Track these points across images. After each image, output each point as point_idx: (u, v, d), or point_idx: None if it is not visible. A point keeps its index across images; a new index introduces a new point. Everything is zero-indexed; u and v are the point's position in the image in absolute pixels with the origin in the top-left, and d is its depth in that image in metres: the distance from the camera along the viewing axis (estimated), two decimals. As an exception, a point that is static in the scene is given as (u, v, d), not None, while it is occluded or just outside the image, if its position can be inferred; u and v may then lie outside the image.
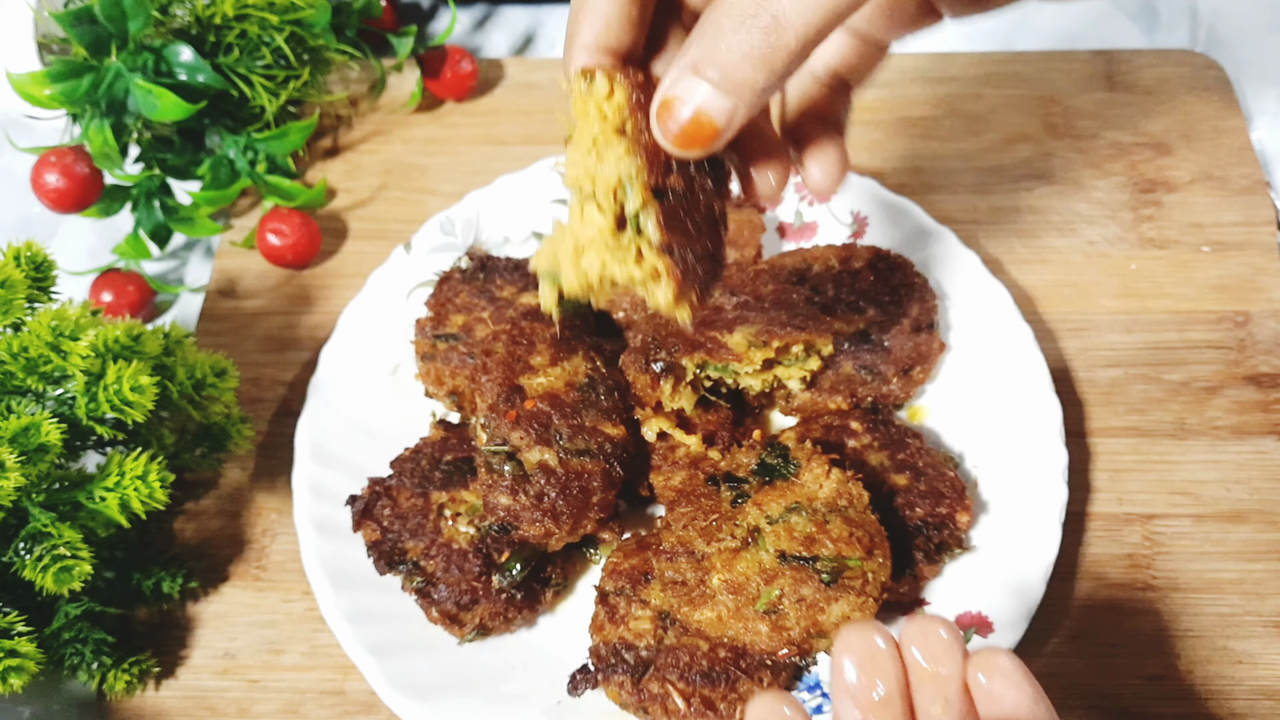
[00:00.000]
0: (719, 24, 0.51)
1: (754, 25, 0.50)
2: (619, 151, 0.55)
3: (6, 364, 0.73)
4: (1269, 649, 0.80)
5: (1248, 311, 0.95)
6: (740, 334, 0.78)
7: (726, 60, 0.51)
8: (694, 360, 0.78)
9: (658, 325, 0.81)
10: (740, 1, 0.51)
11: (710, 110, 0.52)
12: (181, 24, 1.01)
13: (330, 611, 0.79)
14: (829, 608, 0.69)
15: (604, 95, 0.55)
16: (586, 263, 0.57)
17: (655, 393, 0.79)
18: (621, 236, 0.56)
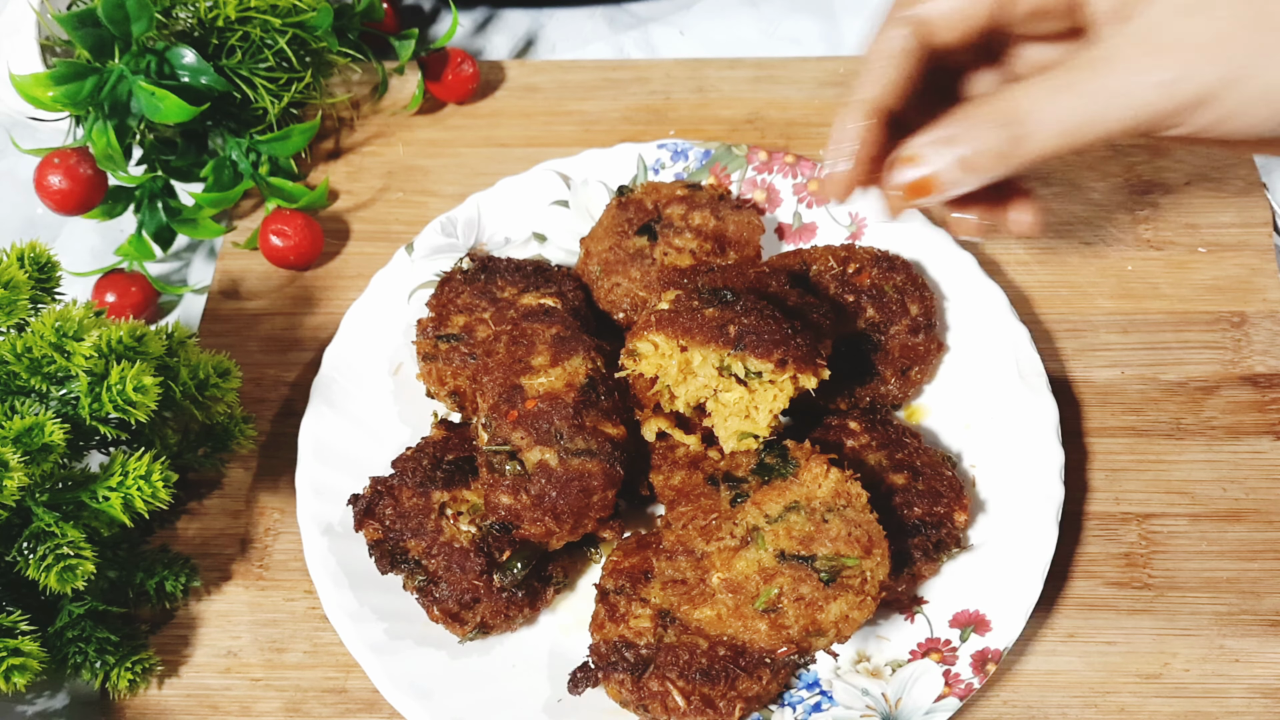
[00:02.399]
0: (980, 116, 0.62)
1: (1006, 131, 0.61)
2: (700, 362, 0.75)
3: (10, 364, 0.73)
4: (1265, 647, 0.80)
5: (1244, 312, 0.95)
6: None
7: (975, 147, 0.62)
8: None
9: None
10: (1005, 108, 0.61)
11: (944, 178, 0.64)
12: (184, 26, 1.02)
13: (333, 610, 0.80)
14: (827, 606, 0.70)
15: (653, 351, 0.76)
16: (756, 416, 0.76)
17: (653, 395, 0.79)
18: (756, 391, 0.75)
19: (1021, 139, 0.61)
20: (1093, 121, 0.60)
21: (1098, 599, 0.83)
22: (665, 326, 0.75)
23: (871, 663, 0.78)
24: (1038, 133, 0.61)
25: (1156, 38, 0.59)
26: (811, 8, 1.25)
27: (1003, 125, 0.61)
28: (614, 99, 1.14)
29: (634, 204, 0.94)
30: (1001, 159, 0.62)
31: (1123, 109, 0.60)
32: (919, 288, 0.90)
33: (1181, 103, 0.59)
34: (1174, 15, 0.59)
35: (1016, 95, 0.61)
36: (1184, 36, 0.58)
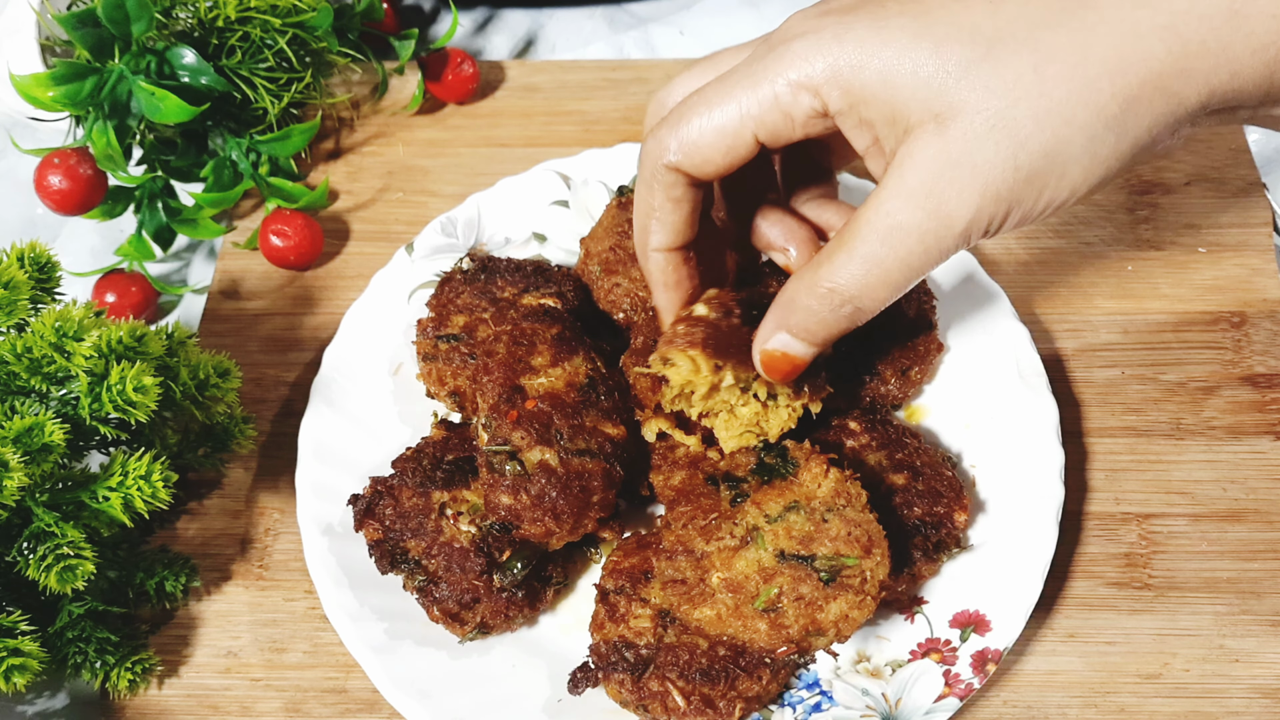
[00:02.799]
0: (809, 306, 0.67)
1: (840, 312, 0.66)
2: (730, 384, 0.74)
3: (10, 364, 0.73)
4: (1266, 647, 0.80)
5: (1244, 312, 0.95)
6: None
7: (818, 330, 0.68)
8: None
9: (658, 329, 0.81)
10: (827, 295, 0.66)
11: (799, 356, 0.70)
12: (184, 27, 1.02)
13: (333, 610, 0.80)
14: (827, 606, 0.70)
15: (691, 370, 0.73)
16: (765, 426, 0.77)
17: (655, 395, 0.79)
18: (769, 409, 0.76)
19: (858, 311, 0.66)
20: (911, 276, 0.64)
21: (1098, 599, 0.83)
22: (708, 348, 0.73)
23: (871, 663, 0.78)
24: (870, 302, 0.66)
25: (932, 196, 0.61)
26: (811, 8, 1.25)
27: (837, 308, 0.66)
28: (614, 99, 1.14)
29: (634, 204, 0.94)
30: (847, 329, 0.68)
31: (932, 259, 0.63)
32: (918, 288, 0.90)
33: (975, 235, 0.62)
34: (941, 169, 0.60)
35: (834, 278, 0.65)
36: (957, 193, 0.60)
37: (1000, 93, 0.58)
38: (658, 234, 0.72)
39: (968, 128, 0.59)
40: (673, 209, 0.70)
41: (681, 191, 0.69)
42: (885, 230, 0.62)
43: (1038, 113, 0.58)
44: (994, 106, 0.58)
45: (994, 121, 0.59)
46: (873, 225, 0.63)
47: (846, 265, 0.65)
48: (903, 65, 0.59)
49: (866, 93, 0.61)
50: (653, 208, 0.71)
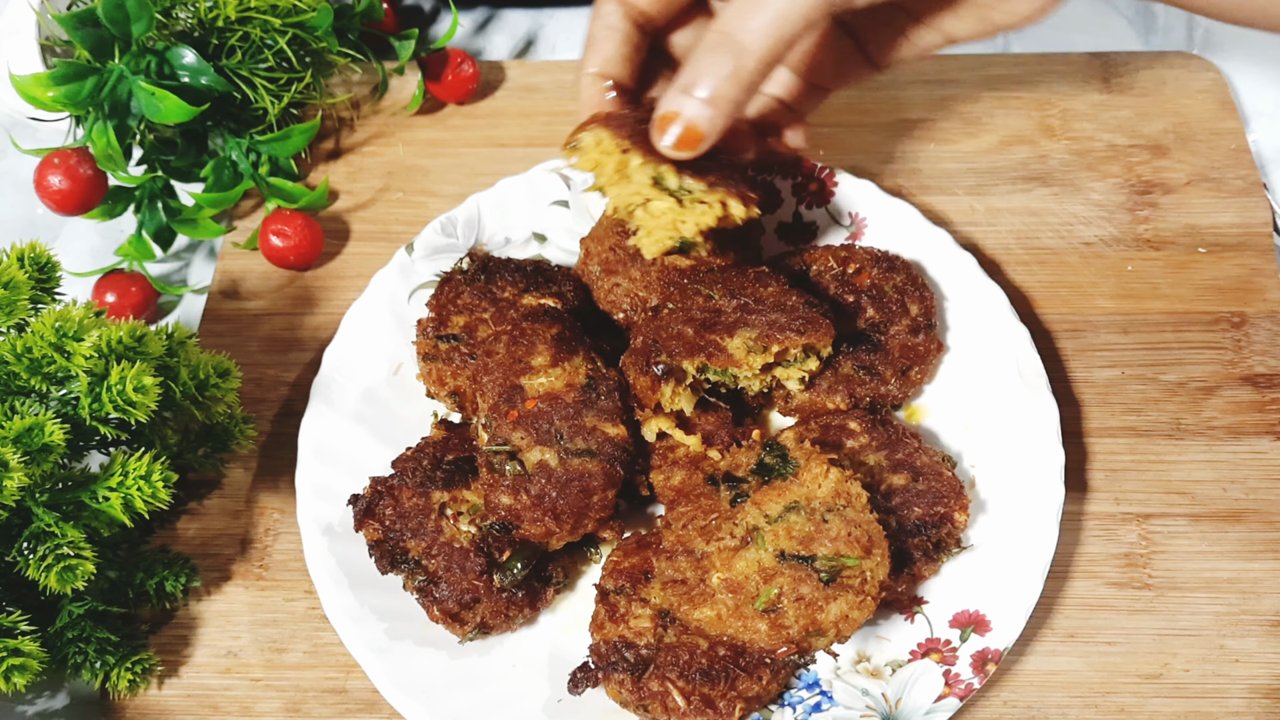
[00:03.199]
0: (697, 55, 0.68)
1: (725, 54, 0.66)
2: (638, 165, 0.74)
3: (11, 364, 0.73)
4: (1265, 647, 0.80)
5: (1244, 313, 0.95)
6: (739, 338, 0.79)
7: (707, 80, 0.67)
8: (693, 363, 0.78)
9: (658, 328, 0.81)
10: (712, 36, 0.67)
11: (698, 121, 0.69)
12: (184, 27, 1.02)
13: (333, 610, 0.80)
14: (827, 606, 0.70)
15: (595, 145, 0.76)
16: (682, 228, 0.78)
17: (655, 395, 0.79)
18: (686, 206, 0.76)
19: (742, 53, 0.66)
20: (788, 12, 0.65)
21: (1098, 599, 0.83)
22: (612, 125, 0.77)
23: (871, 663, 0.78)
24: (753, 41, 0.66)
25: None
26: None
27: (720, 50, 0.67)
28: (614, 99, 1.14)
29: (634, 204, 0.94)
30: (735, 79, 0.67)
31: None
32: (919, 288, 0.90)
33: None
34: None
35: (721, 21, 0.67)
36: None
37: None
38: (590, 57, 0.76)
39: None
40: (606, 35, 0.75)
41: (616, 20, 0.75)
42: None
43: None
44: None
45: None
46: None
47: (730, 6, 0.67)
48: None
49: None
50: (591, 35, 0.76)
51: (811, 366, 0.82)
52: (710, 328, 0.80)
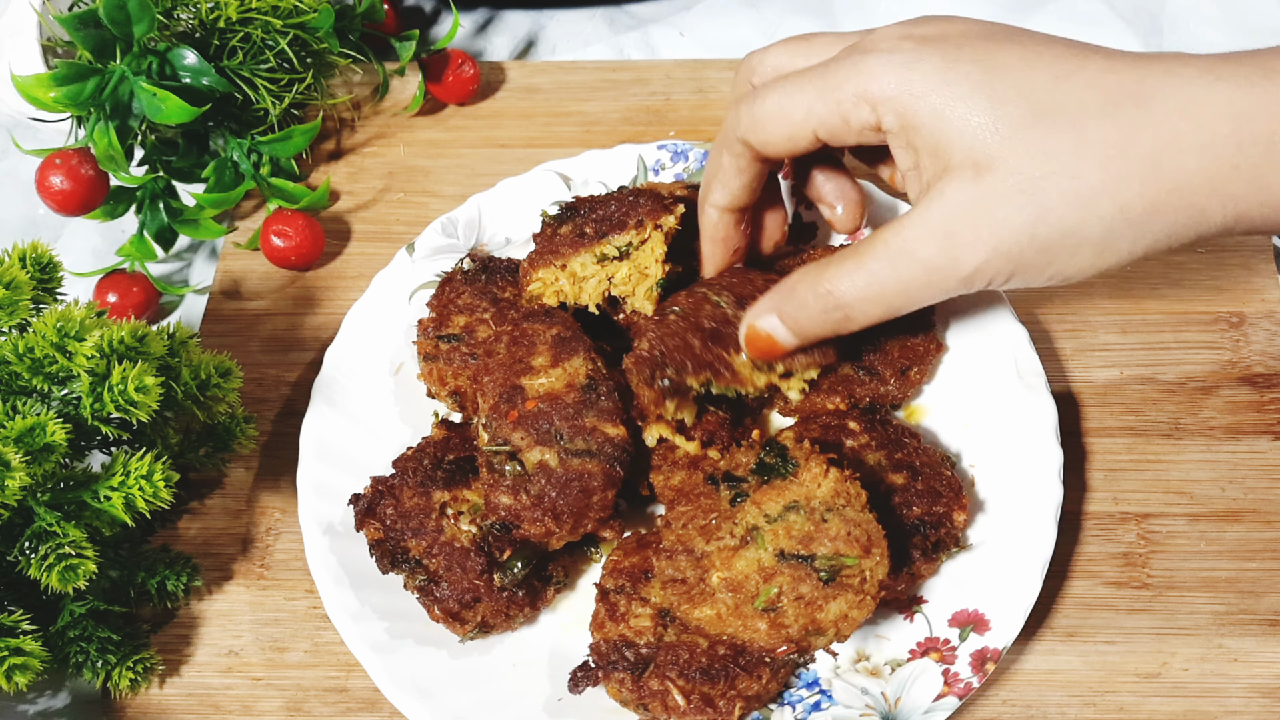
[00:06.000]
0: (805, 300, 0.72)
1: (831, 315, 0.71)
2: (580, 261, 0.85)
3: (12, 364, 0.73)
4: (1264, 647, 0.81)
5: (1242, 312, 0.96)
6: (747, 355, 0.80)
7: (805, 325, 0.73)
8: (699, 380, 0.78)
9: (664, 335, 0.80)
10: (825, 295, 0.70)
11: (784, 342, 0.76)
12: (185, 27, 1.02)
13: (333, 609, 0.80)
14: (827, 606, 0.70)
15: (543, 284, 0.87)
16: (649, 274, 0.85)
17: (658, 408, 0.79)
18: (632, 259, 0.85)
19: (847, 319, 0.71)
20: (907, 303, 0.69)
21: (1096, 598, 0.83)
22: (538, 262, 0.86)
23: (871, 662, 0.78)
24: (860, 315, 0.70)
25: (949, 236, 0.65)
26: (811, 8, 1.25)
27: (828, 311, 0.71)
28: (614, 100, 1.14)
29: (634, 204, 0.95)
30: (833, 332, 0.73)
31: (930, 294, 0.68)
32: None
33: (978, 285, 0.67)
34: (963, 216, 0.64)
35: (835, 282, 0.70)
36: (973, 241, 0.64)
37: (1038, 161, 0.61)
38: (717, 192, 0.79)
39: (999, 184, 0.62)
40: (735, 175, 0.76)
41: (745, 163, 0.75)
42: (896, 253, 0.67)
43: (1066, 191, 0.61)
44: (1028, 172, 0.62)
45: (1024, 186, 0.62)
46: (888, 245, 0.67)
47: (851, 274, 0.69)
48: (957, 109, 0.63)
49: (918, 122, 0.65)
50: (719, 168, 0.77)
51: (812, 376, 0.83)
52: (718, 339, 0.80)
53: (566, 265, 0.85)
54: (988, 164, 0.62)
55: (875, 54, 0.66)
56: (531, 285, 0.87)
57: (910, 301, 0.69)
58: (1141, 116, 0.61)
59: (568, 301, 0.87)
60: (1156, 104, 0.61)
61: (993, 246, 0.63)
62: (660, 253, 0.84)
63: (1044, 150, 0.61)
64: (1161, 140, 0.60)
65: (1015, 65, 0.63)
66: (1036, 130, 0.62)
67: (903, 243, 0.66)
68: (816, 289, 0.71)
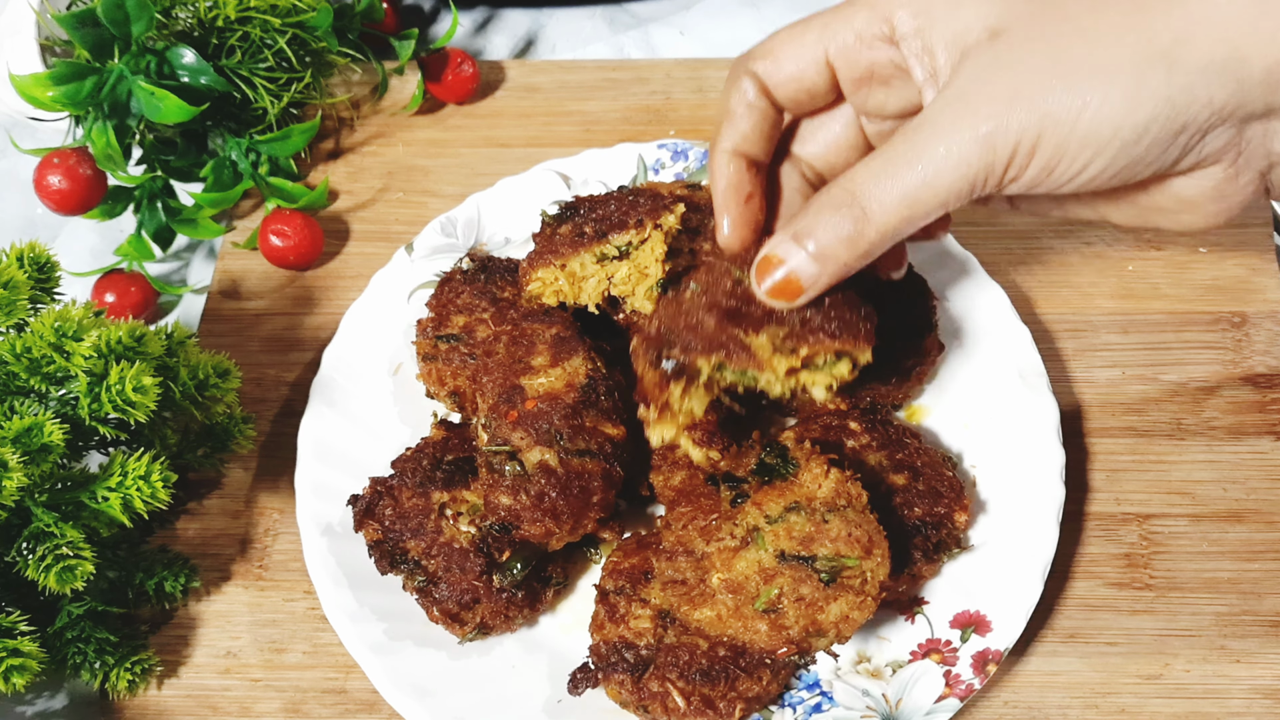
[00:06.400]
0: (820, 206, 0.64)
1: (848, 215, 0.63)
2: (579, 261, 0.84)
3: (10, 364, 0.73)
4: (1266, 648, 0.80)
5: (1244, 312, 0.95)
6: (766, 335, 0.71)
7: (822, 237, 0.64)
8: (710, 362, 0.71)
9: (677, 312, 0.74)
10: (842, 193, 0.63)
11: (800, 274, 0.66)
12: (184, 26, 1.02)
13: (332, 610, 0.80)
14: (828, 607, 0.70)
15: (543, 284, 0.85)
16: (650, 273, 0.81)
17: (663, 393, 0.73)
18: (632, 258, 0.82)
19: (864, 219, 0.63)
20: (927, 187, 0.61)
21: (1098, 599, 0.83)
22: (538, 262, 0.84)
23: (872, 663, 0.78)
24: (879, 212, 0.62)
25: (967, 99, 0.61)
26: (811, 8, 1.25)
27: (844, 210, 0.63)
28: (614, 99, 1.14)
29: (634, 204, 0.94)
30: (850, 244, 0.64)
31: (951, 170, 0.61)
32: (919, 288, 0.89)
33: (1003, 153, 0.60)
34: (980, 75, 0.61)
35: (853, 178, 0.63)
36: (992, 93, 0.60)
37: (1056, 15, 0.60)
38: (728, 136, 0.72)
39: (1018, 38, 0.60)
40: (744, 114, 0.71)
41: (754, 97, 0.71)
42: (912, 130, 0.62)
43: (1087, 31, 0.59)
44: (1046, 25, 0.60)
45: (1043, 34, 0.59)
46: (905, 128, 0.63)
47: (866, 164, 0.64)
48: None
49: (934, 14, 0.63)
50: (728, 110, 0.72)
51: (842, 371, 0.73)
52: (736, 319, 0.72)
53: (566, 265, 0.84)
54: (1004, 27, 0.60)
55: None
56: (531, 285, 0.86)
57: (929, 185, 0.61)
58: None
59: (567, 301, 0.86)
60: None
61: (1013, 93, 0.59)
62: (660, 252, 0.83)
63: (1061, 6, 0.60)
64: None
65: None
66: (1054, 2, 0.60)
67: (920, 120, 0.62)
68: (829, 190, 0.64)
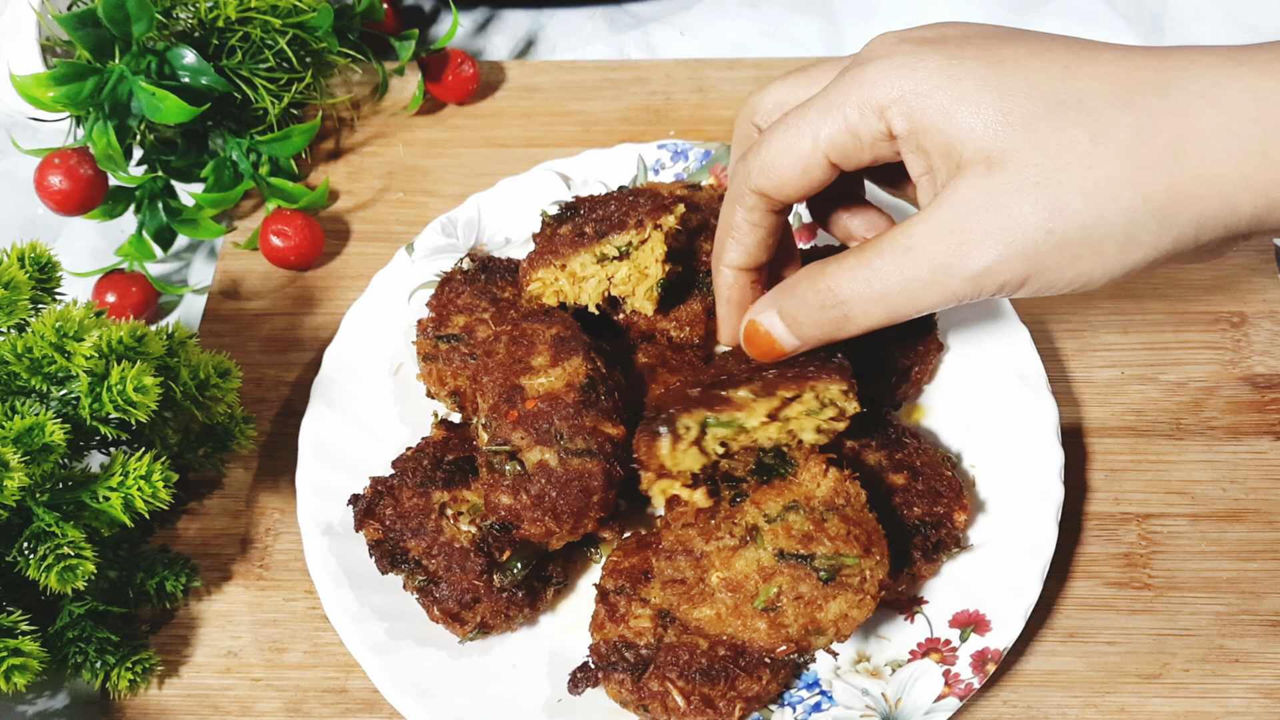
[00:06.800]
0: (805, 297, 0.68)
1: (831, 313, 0.67)
2: (580, 262, 0.85)
3: (11, 364, 0.73)
4: (1265, 648, 0.80)
5: (1243, 312, 0.95)
6: (746, 389, 0.75)
7: (805, 324, 0.70)
8: (694, 418, 0.74)
9: (664, 396, 0.79)
10: (826, 291, 0.67)
11: (783, 341, 0.72)
12: (184, 27, 1.02)
13: (333, 610, 0.80)
14: (827, 605, 0.70)
15: (542, 285, 0.86)
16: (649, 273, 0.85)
17: (655, 455, 0.74)
18: (632, 259, 0.85)
19: (846, 319, 0.67)
20: (910, 304, 0.65)
21: (1097, 599, 0.83)
22: (538, 262, 0.85)
23: (871, 663, 0.78)
24: (860, 315, 0.67)
25: (959, 233, 0.61)
26: (811, 8, 1.25)
27: (827, 308, 0.67)
28: (614, 99, 1.14)
29: (634, 204, 0.95)
30: (828, 334, 0.69)
31: (935, 295, 0.64)
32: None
33: (989, 289, 0.62)
34: (974, 212, 0.60)
35: (837, 278, 0.66)
36: (985, 234, 0.60)
37: (1053, 154, 0.59)
38: (733, 251, 0.74)
39: (1012, 178, 0.59)
40: (749, 230, 0.73)
41: (760, 216, 0.72)
42: (902, 250, 0.63)
43: (1084, 184, 0.58)
44: (1043, 165, 0.59)
45: (1039, 179, 0.59)
46: (893, 242, 0.64)
47: (853, 271, 0.66)
48: (965, 103, 0.61)
49: (927, 121, 0.62)
50: (732, 226, 0.73)
51: (828, 416, 0.75)
52: (718, 385, 0.76)
53: (566, 265, 0.85)
54: (1000, 158, 0.60)
55: (874, 62, 0.64)
56: (531, 285, 0.86)
57: (912, 303, 0.65)
58: (1161, 103, 0.58)
59: (567, 301, 0.86)
60: (1176, 91, 0.58)
61: (1005, 243, 0.60)
62: (660, 253, 0.83)
63: (1059, 142, 0.59)
64: (1184, 126, 0.57)
65: (1023, 59, 0.61)
66: (1049, 122, 0.59)
67: (909, 240, 0.63)
68: (816, 285, 0.68)
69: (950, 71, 0.62)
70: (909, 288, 0.64)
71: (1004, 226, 0.60)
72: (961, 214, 0.61)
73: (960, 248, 0.61)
